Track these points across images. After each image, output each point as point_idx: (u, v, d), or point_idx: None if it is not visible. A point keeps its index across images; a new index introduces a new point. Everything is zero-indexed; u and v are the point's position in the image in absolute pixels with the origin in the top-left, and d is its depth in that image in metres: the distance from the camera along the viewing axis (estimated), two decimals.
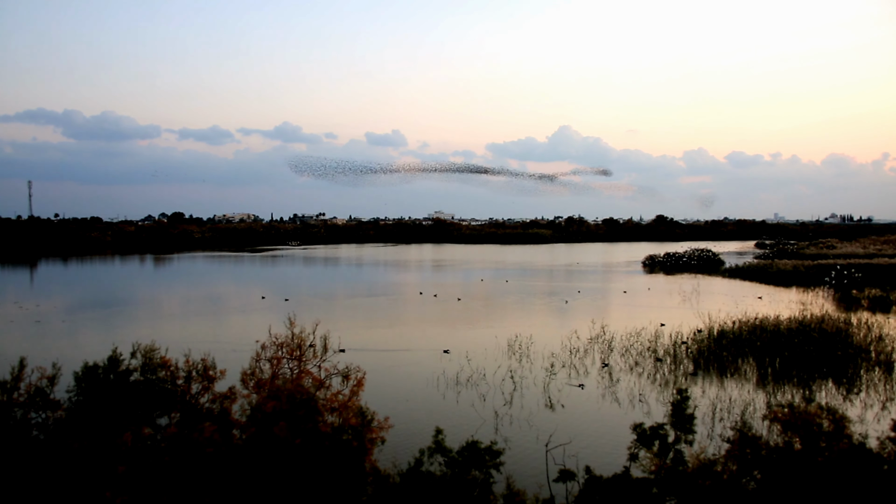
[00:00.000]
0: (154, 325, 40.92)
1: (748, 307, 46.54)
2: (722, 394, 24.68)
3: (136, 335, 23.61)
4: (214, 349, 18.34)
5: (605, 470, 10.95)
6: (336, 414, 11.90)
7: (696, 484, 9.83)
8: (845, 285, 60.45)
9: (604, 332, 36.18)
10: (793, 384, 26.16)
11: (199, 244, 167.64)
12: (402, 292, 63.25)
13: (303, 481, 10.59)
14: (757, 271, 76.18)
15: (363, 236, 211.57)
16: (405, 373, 28.60)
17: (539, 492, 11.29)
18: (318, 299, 56.23)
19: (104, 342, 30.40)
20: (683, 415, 10.87)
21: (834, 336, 31.26)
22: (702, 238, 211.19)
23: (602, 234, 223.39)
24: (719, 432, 19.78)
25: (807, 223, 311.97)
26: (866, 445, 9.73)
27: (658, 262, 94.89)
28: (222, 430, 11.55)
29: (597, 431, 20.71)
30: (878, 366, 28.59)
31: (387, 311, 49.14)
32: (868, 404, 23.41)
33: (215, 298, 58.31)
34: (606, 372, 28.37)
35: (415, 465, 10.80)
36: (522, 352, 32.18)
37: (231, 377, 14.43)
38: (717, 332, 33.52)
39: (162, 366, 14.33)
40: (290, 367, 16.17)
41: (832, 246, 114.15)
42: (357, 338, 35.91)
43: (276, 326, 18.67)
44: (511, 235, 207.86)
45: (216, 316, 46.58)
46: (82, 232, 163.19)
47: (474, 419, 21.81)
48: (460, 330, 39.82)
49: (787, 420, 9.97)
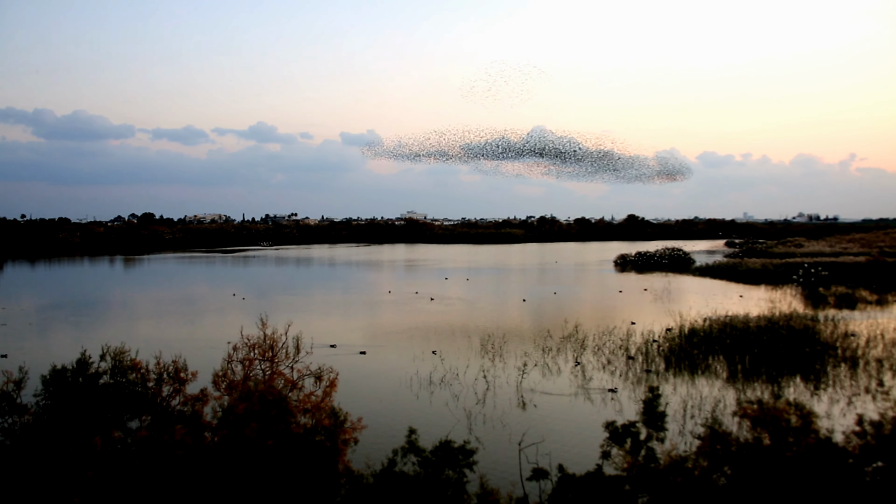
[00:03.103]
0: (124, 328, 40.44)
1: (718, 305, 47.05)
2: (693, 391, 24.92)
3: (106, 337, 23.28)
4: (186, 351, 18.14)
5: (578, 468, 11.01)
6: (309, 415, 11.85)
7: (668, 481, 9.92)
8: (812, 283, 61.35)
9: (576, 331, 36.37)
10: (762, 381, 26.49)
11: (170, 245, 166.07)
12: (374, 292, 63.07)
13: (275, 483, 10.53)
14: (727, 270, 77.02)
15: (336, 236, 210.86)
16: (378, 373, 28.54)
17: (512, 490, 11.32)
18: (290, 299, 55.89)
19: (73, 345, 30.01)
20: (655, 412, 10.96)
21: (802, 333, 31.69)
22: (673, 237, 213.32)
23: (574, 234, 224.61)
24: (690, 429, 19.97)
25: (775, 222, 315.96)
26: (833, 440, 9.88)
27: (630, 261, 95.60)
28: (194, 433, 11.45)
29: (569, 430, 20.81)
30: (844, 362, 29.04)
31: (360, 312, 48.98)
32: (835, 399, 23.77)
33: (186, 299, 57.77)
34: (579, 370, 28.51)
35: (388, 466, 10.78)
36: (495, 351, 32.25)
37: (203, 379, 14.31)
38: (687, 330, 33.86)
39: (132, 368, 14.19)
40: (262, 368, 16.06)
41: (800, 245, 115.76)
42: (330, 338, 35.74)
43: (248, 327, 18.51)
44: (484, 235, 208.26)
45: (187, 317, 46.15)
46: (50, 233, 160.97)
47: (448, 419, 21.82)
48: (433, 329, 39.80)
49: (757, 416, 10.10)
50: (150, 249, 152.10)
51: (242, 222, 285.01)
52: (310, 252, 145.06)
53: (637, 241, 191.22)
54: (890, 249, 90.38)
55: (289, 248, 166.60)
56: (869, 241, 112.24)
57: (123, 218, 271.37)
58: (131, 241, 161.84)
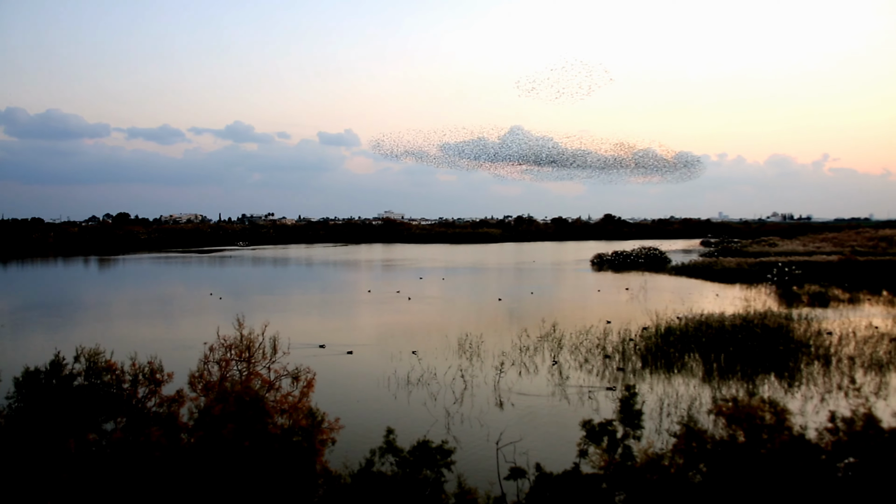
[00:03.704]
0: (99, 329, 40.02)
1: (694, 304, 47.45)
2: (669, 389, 25.12)
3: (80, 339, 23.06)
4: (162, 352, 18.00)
5: (556, 466, 11.06)
6: (286, 415, 11.81)
7: (645, 478, 10.00)
8: (786, 282, 62.05)
9: (553, 331, 36.51)
10: (737, 379, 26.75)
11: (146, 245, 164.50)
12: (352, 292, 62.90)
13: (252, 483, 10.48)
14: (702, 269, 77.65)
15: (313, 236, 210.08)
16: (356, 373, 28.48)
17: (490, 489, 11.35)
18: (267, 299, 55.59)
19: (46, 346, 29.64)
20: (631, 411, 11.04)
21: (776, 331, 32.04)
22: (649, 236, 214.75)
23: (551, 233, 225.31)
24: (667, 427, 20.12)
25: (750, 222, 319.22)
26: (806, 437, 10.01)
27: (606, 260, 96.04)
28: (170, 434, 11.37)
29: (547, 429, 20.89)
30: (817, 359, 29.39)
31: (336, 312, 48.83)
32: (808, 396, 24.06)
33: (162, 300, 57.28)
34: (556, 369, 28.63)
35: (366, 466, 10.77)
36: (473, 351, 32.29)
37: (179, 380, 14.21)
38: (664, 329, 34.11)
39: (107, 370, 14.05)
40: (239, 368, 15.98)
41: (774, 244, 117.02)
42: (307, 338, 35.60)
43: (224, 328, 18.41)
44: (461, 235, 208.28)
45: (163, 318, 45.78)
46: (23, 233, 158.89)
47: (426, 419, 21.82)
48: (410, 329, 39.78)
49: (732, 414, 10.20)
50: (125, 250, 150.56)
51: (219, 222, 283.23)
52: (287, 252, 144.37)
53: (614, 240, 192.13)
54: (861, 249, 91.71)
55: (265, 248, 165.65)
56: (841, 240, 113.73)
57: (98, 218, 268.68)
58: (106, 242, 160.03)
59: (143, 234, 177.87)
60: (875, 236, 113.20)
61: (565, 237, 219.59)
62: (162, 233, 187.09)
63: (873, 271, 69.99)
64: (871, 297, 54.05)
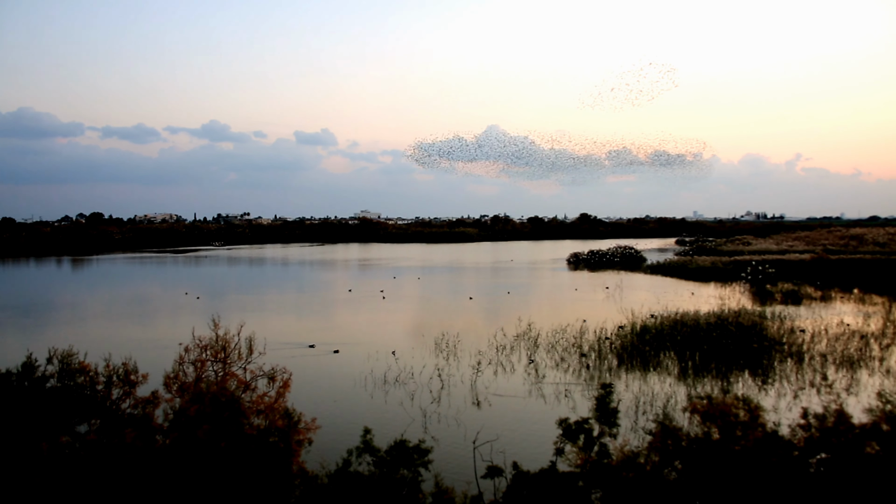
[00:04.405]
0: (72, 330, 39.57)
1: (669, 302, 47.84)
2: (645, 387, 25.30)
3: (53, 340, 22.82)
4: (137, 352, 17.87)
5: (532, 465, 11.10)
6: (262, 416, 11.74)
7: (620, 476, 10.06)
8: (760, 280, 62.73)
9: (530, 329, 36.64)
10: (712, 376, 27.00)
11: (120, 245, 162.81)
12: (328, 291, 62.70)
13: (228, 485, 10.42)
14: (677, 268, 78.27)
15: (289, 236, 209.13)
16: (333, 373, 28.40)
17: (467, 489, 11.37)
18: (242, 299, 55.28)
19: (18, 348, 29.28)
20: (607, 409, 11.10)
21: (750, 329, 32.38)
22: (624, 235, 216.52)
23: (528, 233, 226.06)
24: (642, 425, 20.26)
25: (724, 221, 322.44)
26: (779, 433, 10.13)
27: (582, 259, 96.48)
28: (144, 436, 11.27)
29: (524, 427, 20.96)
30: (790, 357, 29.75)
31: (314, 311, 48.65)
32: (781, 393, 24.35)
33: (137, 300, 56.72)
34: (532, 368, 28.73)
35: (343, 466, 10.74)
36: (450, 350, 32.33)
37: (154, 381, 14.08)
38: (639, 327, 34.38)
39: (80, 371, 13.88)
40: (214, 369, 15.86)
41: (748, 242, 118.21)
42: (284, 338, 35.46)
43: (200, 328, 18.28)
44: (437, 234, 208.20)
45: (138, 318, 45.34)
46: None
47: (403, 418, 21.82)
48: (387, 328, 39.75)
49: (706, 411, 10.29)
50: (99, 250, 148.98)
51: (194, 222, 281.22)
52: (263, 252, 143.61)
53: (590, 239, 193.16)
54: (833, 247, 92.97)
55: (241, 247, 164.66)
56: (813, 238, 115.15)
57: (71, 218, 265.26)
58: (79, 242, 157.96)
59: (117, 233, 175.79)
60: (846, 235, 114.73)
61: (542, 236, 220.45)
62: (136, 233, 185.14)
63: (844, 269, 71.00)
64: (842, 294, 54.81)
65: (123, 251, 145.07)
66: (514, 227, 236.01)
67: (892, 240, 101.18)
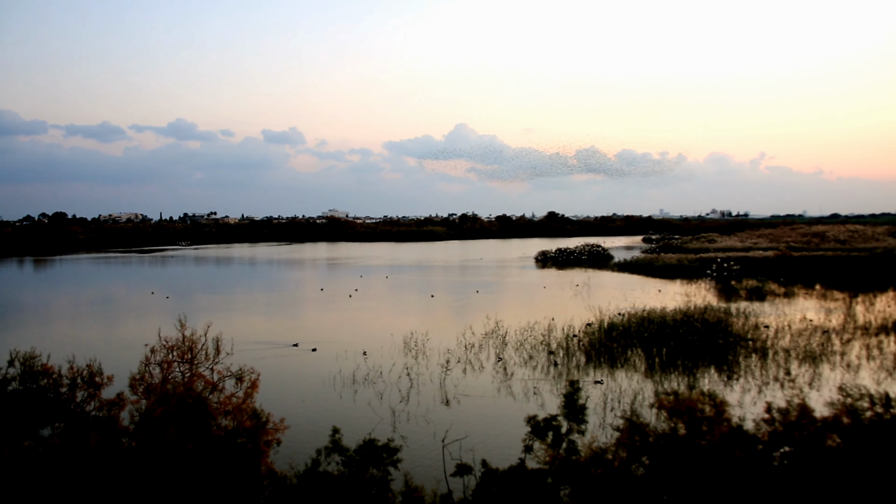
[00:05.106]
0: (34, 332, 38.87)
1: (637, 300, 48.23)
2: (612, 384, 25.49)
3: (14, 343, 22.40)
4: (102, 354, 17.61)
5: (502, 462, 11.13)
6: (230, 417, 11.64)
7: (589, 472, 10.13)
8: (725, 277, 63.58)
9: (498, 328, 36.74)
10: (678, 372, 27.29)
11: (84, 245, 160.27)
12: (297, 291, 62.31)
13: (196, 486, 10.31)
14: (644, 265, 78.99)
15: (256, 235, 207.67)
16: (302, 373, 28.23)
17: (437, 487, 11.37)
18: (210, 299, 54.71)
19: None
20: (575, 406, 11.16)
21: (715, 325, 32.80)
22: (592, 234, 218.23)
23: (496, 231, 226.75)
24: (610, 421, 20.42)
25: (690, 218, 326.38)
26: (743, 427, 10.26)
27: (550, 257, 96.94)
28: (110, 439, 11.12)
29: (492, 425, 21.00)
30: (754, 352, 30.18)
31: (282, 310, 48.31)
32: (746, 388, 24.68)
33: (101, 301, 55.86)
34: (501, 366, 28.81)
35: (312, 466, 10.69)
36: (419, 349, 32.30)
37: (119, 383, 13.90)
38: (607, 324, 34.63)
39: (43, 374, 13.66)
40: (181, 370, 15.67)
41: (713, 240, 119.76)
42: (252, 337, 35.17)
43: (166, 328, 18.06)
44: (406, 233, 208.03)
45: (103, 319, 44.67)
46: None
47: (372, 417, 21.76)
48: (355, 328, 39.60)
49: (673, 407, 10.39)
50: (63, 250, 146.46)
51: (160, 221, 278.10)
52: (230, 251, 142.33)
53: (557, 237, 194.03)
54: (795, 244, 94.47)
55: (208, 247, 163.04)
56: (777, 236, 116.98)
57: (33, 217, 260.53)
58: (42, 242, 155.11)
59: (81, 233, 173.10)
60: (808, 232, 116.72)
61: (510, 235, 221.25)
62: (101, 233, 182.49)
63: (807, 266, 72.22)
64: (805, 290, 55.70)
65: (88, 251, 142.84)
66: (482, 225, 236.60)
67: (852, 237, 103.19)
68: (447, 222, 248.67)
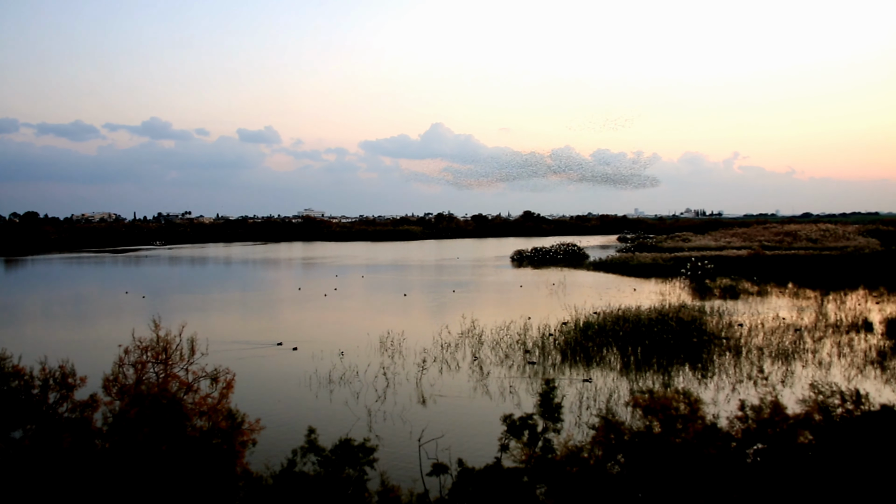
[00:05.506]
0: (5, 333, 38.29)
1: (612, 299, 48.51)
2: (588, 383, 25.60)
3: None
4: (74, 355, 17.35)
5: (478, 462, 11.14)
6: (205, 418, 11.55)
7: (565, 471, 10.16)
8: (699, 276, 64.16)
9: (474, 327, 36.79)
10: (653, 371, 27.49)
11: (56, 245, 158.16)
12: (273, 290, 61.99)
13: (171, 488, 10.22)
14: (619, 264, 79.47)
15: (231, 235, 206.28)
16: (277, 373, 28.09)
17: (413, 486, 11.36)
18: (184, 299, 54.25)
19: None
20: (551, 404, 11.20)
21: (690, 324, 33.04)
22: (567, 233, 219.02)
23: (472, 230, 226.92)
24: (586, 420, 20.52)
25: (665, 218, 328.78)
26: (718, 425, 10.35)
27: (526, 256, 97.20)
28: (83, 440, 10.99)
29: (469, 424, 21.03)
30: (728, 350, 30.47)
31: (257, 310, 48.03)
32: (720, 386, 24.90)
33: (74, 301, 55.20)
34: (477, 365, 28.84)
35: (288, 466, 10.63)
36: (395, 348, 32.26)
37: (93, 384, 13.71)
38: (582, 323, 34.79)
39: (14, 375, 13.45)
40: (155, 371, 15.52)
41: (687, 239, 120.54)
42: (227, 337, 34.93)
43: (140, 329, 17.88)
44: (381, 233, 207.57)
45: (75, 320, 44.15)
46: None
47: (348, 417, 21.70)
48: (331, 327, 39.48)
49: (648, 405, 10.46)
50: (34, 250, 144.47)
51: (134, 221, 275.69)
52: (205, 251, 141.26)
53: (533, 237, 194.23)
54: (768, 243, 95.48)
55: (182, 247, 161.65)
56: (750, 235, 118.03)
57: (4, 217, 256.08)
58: (13, 242, 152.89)
59: (53, 233, 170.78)
60: (781, 231, 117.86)
61: (486, 234, 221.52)
62: (74, 232, 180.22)
63: (780, 265, 73.06)
64: (778, 289, 56.32)
65: (60, 251, 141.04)
66: (458, 224, 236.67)
67: (823, 236, 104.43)
68: (423, 222, 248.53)
